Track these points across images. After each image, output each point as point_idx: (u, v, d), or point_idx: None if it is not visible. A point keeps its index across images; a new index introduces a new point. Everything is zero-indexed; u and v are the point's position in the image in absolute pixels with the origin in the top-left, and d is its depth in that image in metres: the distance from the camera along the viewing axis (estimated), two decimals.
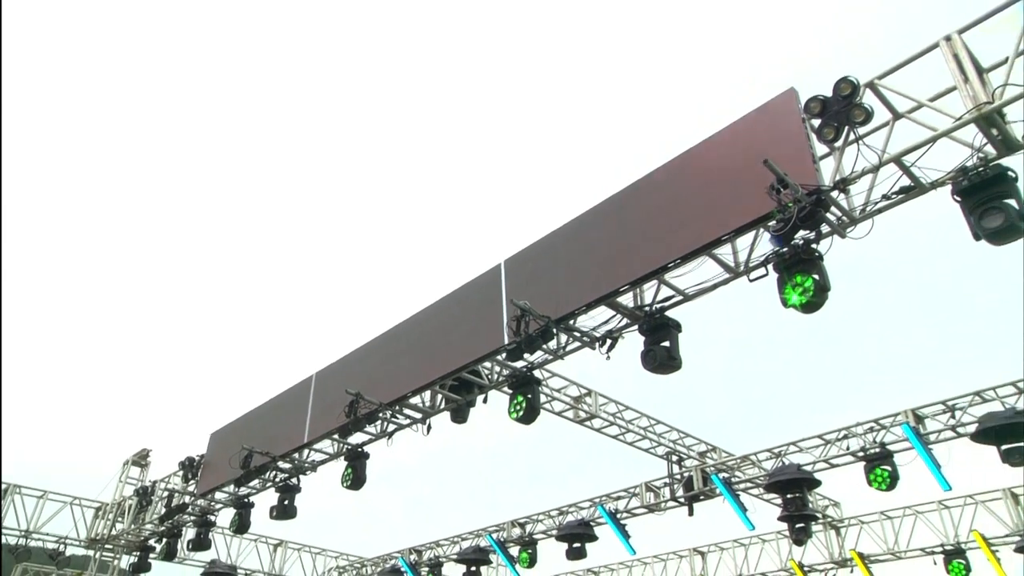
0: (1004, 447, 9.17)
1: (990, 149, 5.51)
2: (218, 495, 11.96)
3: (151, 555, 13.08)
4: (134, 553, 13.19)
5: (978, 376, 10.17)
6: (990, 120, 5.37)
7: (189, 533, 12.64)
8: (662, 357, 7.14)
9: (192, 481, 12.06)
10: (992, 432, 9.15)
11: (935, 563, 12.97)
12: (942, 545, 12.88)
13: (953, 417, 10.22)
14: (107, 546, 13.48)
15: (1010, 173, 5.39)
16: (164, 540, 12.63)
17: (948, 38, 5.77)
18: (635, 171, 7.78)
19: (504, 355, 8.24)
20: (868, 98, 5.97)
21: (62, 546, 13.00)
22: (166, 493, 12.65)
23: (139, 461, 14.11)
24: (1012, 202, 5.27)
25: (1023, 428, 9.04)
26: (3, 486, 12.53)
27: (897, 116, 6.00)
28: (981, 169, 5.46)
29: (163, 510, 12.25)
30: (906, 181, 5.85)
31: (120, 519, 13.55)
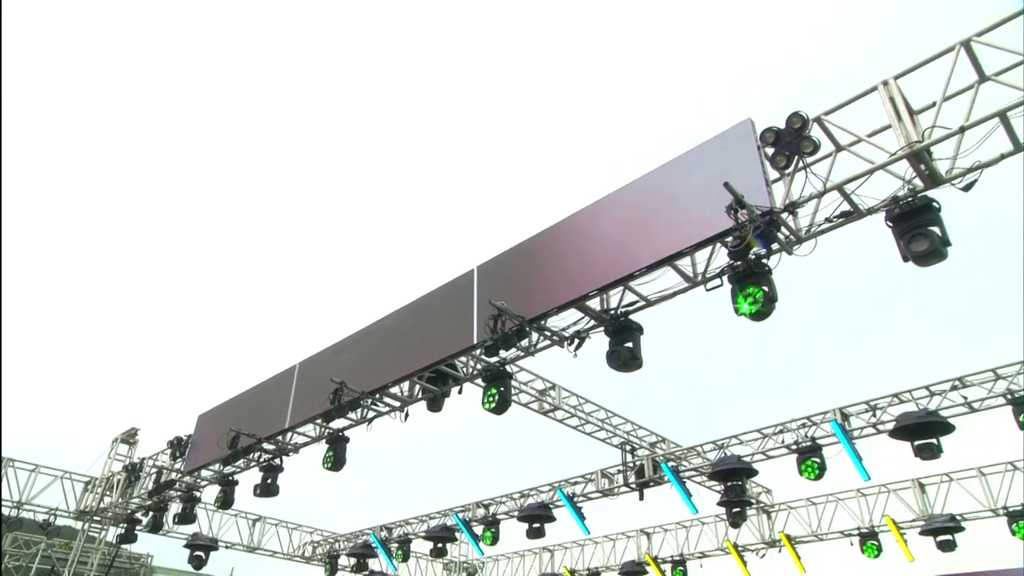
0: (917, 443, 9.48)
1: (919, 182, 5.68)
2: (204, 473, 11.71)
3: (137, 527, 12.79)
4: (121, 525, 12.85)
5: (896, 380, 10.54)
6: (920, 157, 5.57)
7: (175, 507, 12.36)
8: (625, 356, 7.25)
9: (180, 459, 11.81)
10: (907, 429, 9.42)
11: (852, 544, 13.31)
12: (858, 528, 13.24)
13: (874, 415, 10.44)
14: (95, 518, 13.07)
15: (935, 204, 5.61)
16: (151, 514, 12.35)
17: (885, 82, 5.97)
18: (612, 180, 7.84)
19: (481, 350, 8.22)
20: (815, 131, 6.10)
21: (52, 517, 12.62)
22: (154, 470, 12.39)
23: (127, 439, 13.73)
24: (936, 229, 5.50)
25: (934, 426, 9.36)
26: (2, 458, 12.19)
27: (839, 148, 6.17)
28: (911, 199, 5.67)
29: (151, 485, 12.04)
30: (846, 207, 6.03)
31: (108, 493, 13.18)
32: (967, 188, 5.56)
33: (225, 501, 11.17)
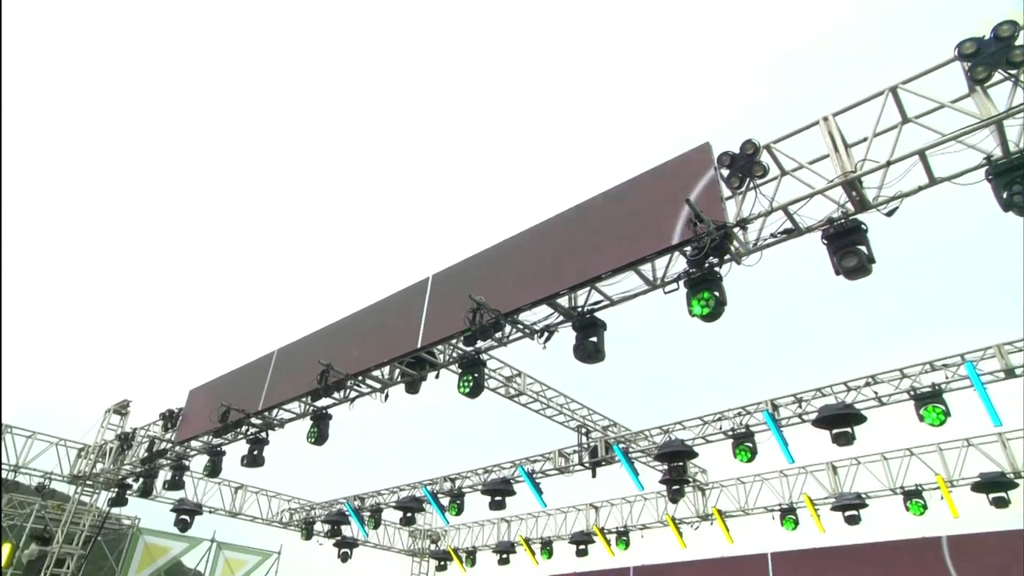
0: (835, 431, 9.79)
1: (850, 206, 5.91)
2: (193, 443, 11.40)
3: (128, 492, 12.47)
4: (112, 489, 12.47)
5: (819, 376, 10.94)
6: (852, 185, 5.81)
7: (164, 475, 12.07)
8: (590, 349, 7.30)
9: (171, 430, 11.49)
10: (827, 420, 9.75)
11: (773, 518, 13.66)
12: (780, 504, 13.61)
13: (800, 407, 10.78)
14: (87, 483, 12.62)
15: (863, 226, 5.86)
16: (141, 480, 12.04)
17: (826, 118, 6.19)
18: (583, 189, 7.92)
19: (462, 340, 8.25)
20: (765, 157, 6.26)
21: (47, 481, 12.16)
22: (146, 439, 12.06)
23: (120, 410, 13.25)
24: (864, 248, 5.74)
25: (849, 417, 9.72)
26: (1, 425, 11.74)
27: (784, 173, 6.33)
28: (843, 221, 5.91)
29: (144, 454, 11.74)
30: (788, 225, 6.22)
31: (101, 460, 12.73)
32: (890, 214, 5.85)
33: (213, 470, 10.92)
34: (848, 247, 5.77)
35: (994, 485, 11.08)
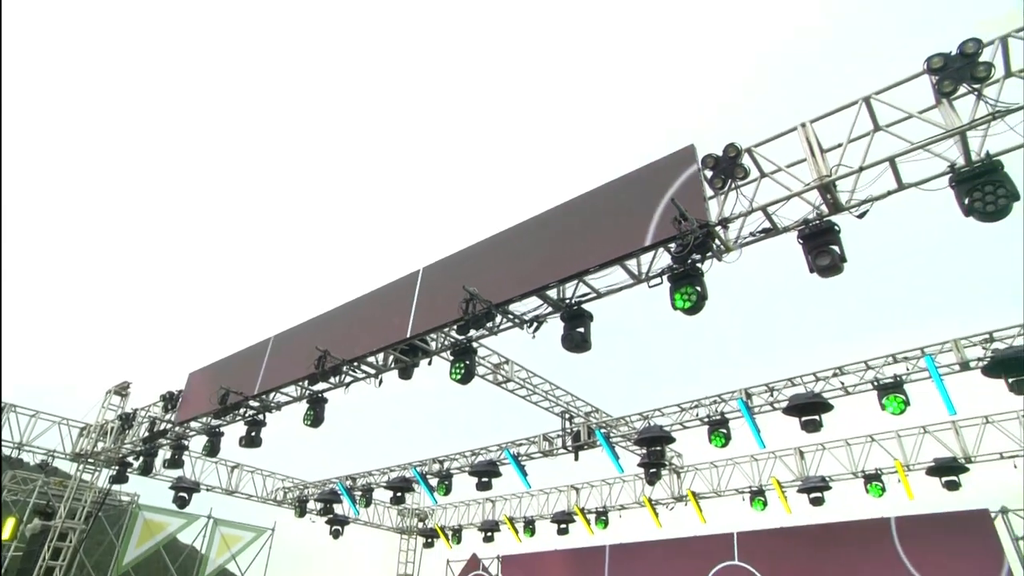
0: (804, 419, 10.02)
1: (825, 208, 6.04)
2: (193, 424, 11.35)
3: (128, 470, 12.41)
4: (113, 467, 12.42)
5: (790, 367, 11.09)
6: (827, 188, 5.93)
7: (163, 454, 12.04)
8: (577, 339, 7.41)
9: (171, 411, 11.44)
10: (797, 408, 9.95)
11: (743, 499, 13.95)
12: (750, 487, 13.89)
13: (772, 395, 10.98)
14: (89, 460, 12.54)
15: (836, 227, 6.00)
16: (142, 458, 12.01)
17: (803, 124, 6.28)
18: (576, 185, 7.97)
19: (455, 329, 8.30)
20: (746, 159, 6.36)
21: (50, 458, 12.07)
22: (147, 419, 12.01)
23: (120, 391, 13.12)
24: (836, 248, 5.87)
25: (817, 406, 9.92)
26: (2, 404, 11.63)
27: (764, 175, 6.42)
28: (818, 222, 6.03)
29: (145, 433, 11.70)
30: (767, 224, 6.35)
31: (102, 439, 12.64)
32: (861, 216, 6.00)
33: (212, 450, 10.88)
34: (822, 247, 5.90)
35: (947, 469, 11.45)
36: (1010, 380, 8.57)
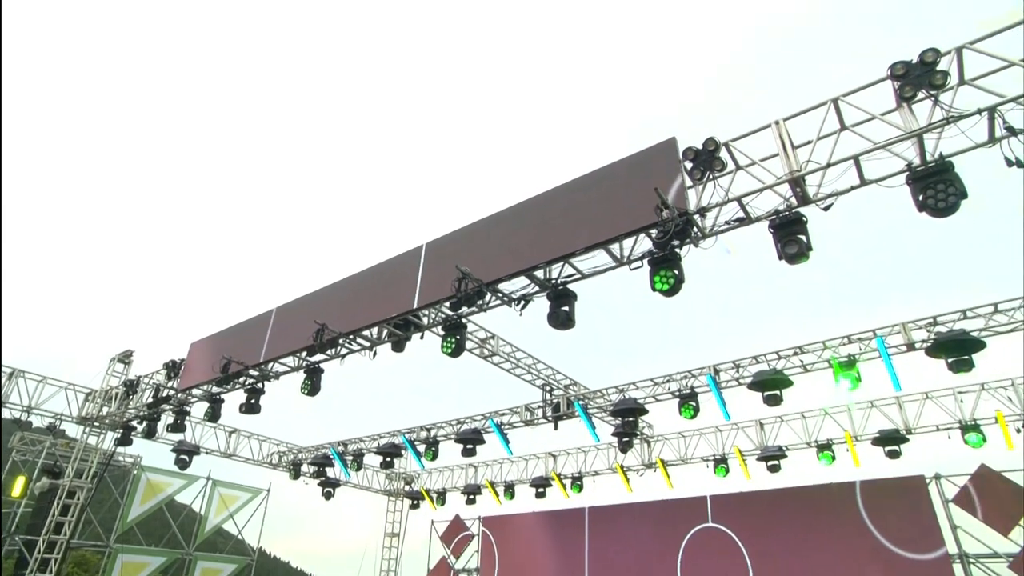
0: (766, 393, 10.38)
1: (794, 200, 6.22)
2: (194, 391, 11.33)
3: (132, 433, 12.40)
4: (118, 430, 12.41)
5: (755, 346, 11.44)
6: (797, 182, 6.11)
7: (166, 419, 12.02)
8: (562, 317, 7.55)
9: (174, 379, 11.42)
10: (761, 383, 10.25)
11: (708, 467, 14.35)
12: (714, 455, 14.31)
13: (738, 372, 11.26)
14: (95, 424, 12.49)
15: (804, 218, 6.18)
16: (145, 422, 12.02)
17: (777, 122, 6.43)
18: (563, 173, 8.04)
19: (447, 305, 8.38)
20: (723, 153, 6.49)
21: (58, 421, 12.00)
22: (150, 386, 11.99)
23: (123, 359, 12.99)
24: (803, 237, 6.06)
25: (779, 382, 10.23)
26: (9, 370, 11.56)
27: (739, 168, 6.56)
28: (787, 213, 6.22)
29: (148, 399, 11.70)
30: (741, 214, 6.50)
31: (107, 404, 12.58)
32: (826, 208, 6.20)
33: (213, 415, 10.92)
34: (791, 236, 6.07)
35: (889, 440, 12.03)
36: (949, 360, 9.02)
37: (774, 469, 13.33)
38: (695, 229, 6.56)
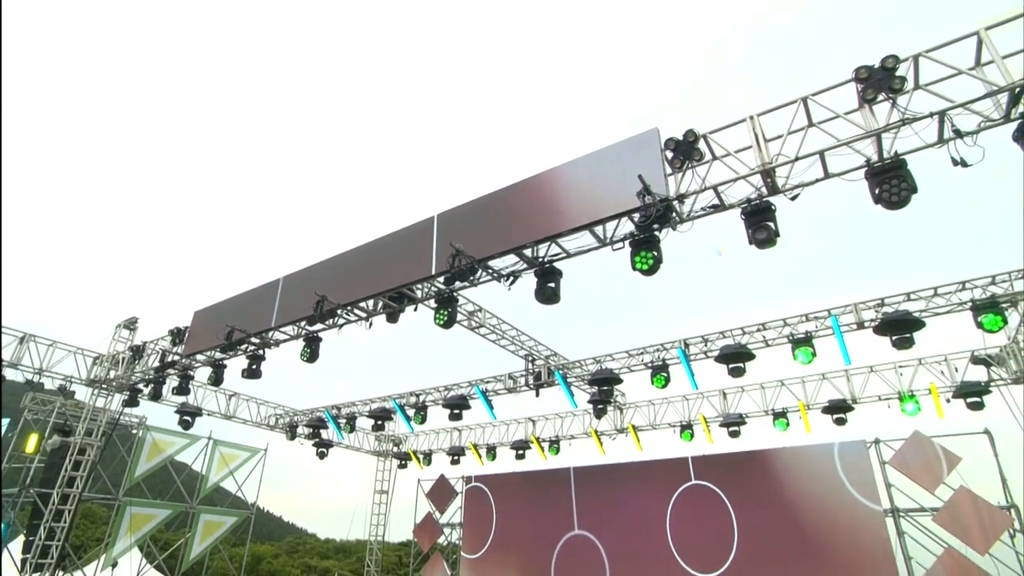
0: (731, 366, 10.75)
1: (765, 190, 6.43)
2: (198, 357, 11.37)
3: (139, 395, 12.42)
4: (125, 392, 12.42)
5: (721, 322, 11.80)
6: (768, 173, 6.33)
7: (170, 382, 12.05)
8: (548, 293, 7.73)
9: (178, 345, 11.45)
10: (726, 356, 10.63)
11: (674, 432, 14.86)
12: (681, 422, 14.85)
13: (706, 345, 11.65)
14: (103, 386, 12.47)
15: (773, 207, 6.42)
16: (151, 385, 12.06)
17: (751, 117, 6.62)
18: (552, 157, 8.15)
19: (441, 280, 8.49)
20: (701, 144, 6.67)
21: (68, 383, 11.95)
22: (156, 351, 12.00)
23: (129, 325, 12.87)
24: (772, 224, 6.29)
25: (743, 355, 10.61)
26: (20, 335, 11.47)
27: (716, 158, 6.74)
28: (758, 201, 6.45)
29: (155, 364, 11.74)
30: (716, 201, 6.72)
31: (114, 368, 12.54)
32: (793, 198, 6.46)
33: (216, 380, 10.97)
34: (760, 223, 6.30)
35: (837, 409, 12.68)
36: (894, 338, 9.53)
37: (734, 435, 13.90)
38: (674, 214, 6.77)
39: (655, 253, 6.74)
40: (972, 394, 11.35)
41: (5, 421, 12.18)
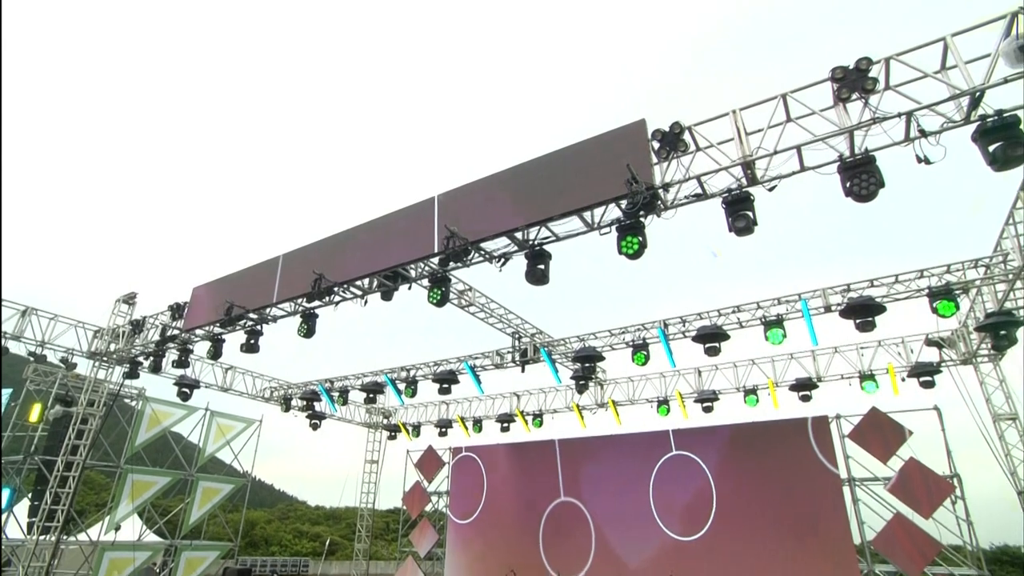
0: (707, 345, 10.95)
1: (744, 181, 6.62)
2: (198, 331, 11.33)
3: (139, 368, 12.39)
4: (125, 365, 12.37)
5: (699, 304, 12.07)
6: (748, 165, 6.52)
7: (170, 355, 12.02)
8: (538, 275, 7.89)
9: (178, 320, 11.39)
10: (703, 337, 10.86)
11: (652, 407, 15.23)
12: (658, 397, 15.22)
13: (684, 326, 11.89)
14: (103, 359, 12.40)
15: (752, 196, 6.62)
16: (151, 359, 12.02)
17: (734, 111, 6.78)
18: (544, 144, 8.19)
19: (437, 260, 8.59)
20: (686, 135, 6.78)
21: (70, 356, 11.86)
22: (156, 326, 11.93)
23: (128, 300, 12.76)
24: (751, 213, 6.50)
25: (718, 336, 10.83)
26: (23, 307, 11.31)
27: (699, 149, 6.86)
28: (738, 191, 6.64)
29: (155, 337, 11.71)
30: (698, 190, 6.90)
31: (115, 341, 12.44)
32: (771, 189, 6.67)
33: (215, 354, 11.00)
34: (740, 211, 6.50)
35: (803, 386, 13.20)
36: (857, 321, 9.94)
37: (708, 410, 14.37)
38: (659, 202, 6.95)
39: (640, 238, 6.92)
40: (925, 373, 11.91)
41: (8, 391, 12.16)
